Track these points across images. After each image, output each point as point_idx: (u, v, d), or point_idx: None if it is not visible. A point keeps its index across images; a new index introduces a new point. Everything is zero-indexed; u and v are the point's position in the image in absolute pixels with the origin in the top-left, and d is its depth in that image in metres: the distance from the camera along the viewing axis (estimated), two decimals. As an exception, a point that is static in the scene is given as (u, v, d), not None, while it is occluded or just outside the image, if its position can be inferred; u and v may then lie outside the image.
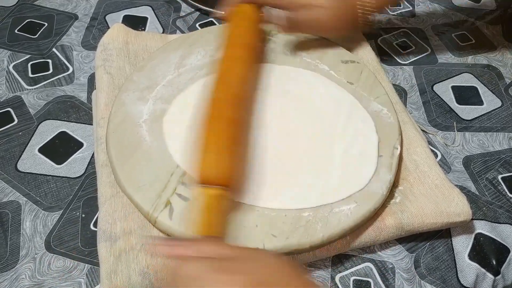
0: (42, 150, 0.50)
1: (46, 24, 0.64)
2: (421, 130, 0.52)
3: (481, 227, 0.46)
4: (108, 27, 0.62)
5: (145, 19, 0.65)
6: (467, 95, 0.58)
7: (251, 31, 0.50)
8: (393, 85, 0.56)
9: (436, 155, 0.51)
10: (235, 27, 0.50)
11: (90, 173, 0.48)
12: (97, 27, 0.64)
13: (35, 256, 0.43)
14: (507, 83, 0.60)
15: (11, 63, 0.58)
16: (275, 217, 0.40)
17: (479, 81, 0.60)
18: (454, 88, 0.59)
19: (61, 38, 0.62)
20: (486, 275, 0.44)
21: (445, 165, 0.51)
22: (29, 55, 0.59)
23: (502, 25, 0.68)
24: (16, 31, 0.63)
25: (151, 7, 0.67)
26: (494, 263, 0.45)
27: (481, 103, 0.58)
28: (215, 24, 0.65)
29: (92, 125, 0.52)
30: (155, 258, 0.39)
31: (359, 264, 0.44)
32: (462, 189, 0.49)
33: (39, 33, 0.62)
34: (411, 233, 0.44)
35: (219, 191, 0.38)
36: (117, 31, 0.55)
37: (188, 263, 0.29)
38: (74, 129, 0.52)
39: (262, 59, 0.53)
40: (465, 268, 0.44)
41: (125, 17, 0.65)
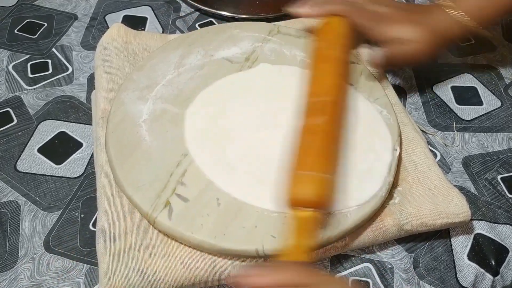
0: (41, 150, 0.50)
1: (45, 24, 0.64)
2: (421, 130, 0.52)
3: (480, 228, 0.46)
4: (107, 27, 0.62)
5: (145, 19, 0.65)
6: (466, 96, 0.58)
7: (345, 47, 0.49)
8: (393, 85, 0.56)
9: (435, 156, 0.51)
10: (330, 41, 0.49)
11: (89, 173, 0.48)
12: (96, 27, 0.64)
13: (34, 256, 0.43)
14: (507, 84, 0.60)
15: (11, 63, 0.58)
16: (275, 218, 0.40)
17: (479, 81, 0.60)
18: (453, 88, 0.59)
19: (60, 38, 0.62)
20: (485, 276, 0.44)
21: (444, 166, 0.51)
22: (28, 55, 0.59)
23: (502, 25, 0.68)
24: (15, 31, 0.63)
25: (150, 7, 0.67)
26: (493, 263, 0.45)
27: (480, 103, 0.58)
28: (214, 24, 0.65)
29: (91, 125, 0.52)
30: (154, 258, 0.39)
31: (358, 264, 0.44)
32: (461, 189, 0.49)
33: (38, 33, 0.62)
34: (410, 234, 0.44)
35: (313, 213, 0.36)
36: (116, 30, 0.55)
37: None
38: (73, 129, 0.52)
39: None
40: (464, 268, 0.44)
41: (125, 17, 0.65)
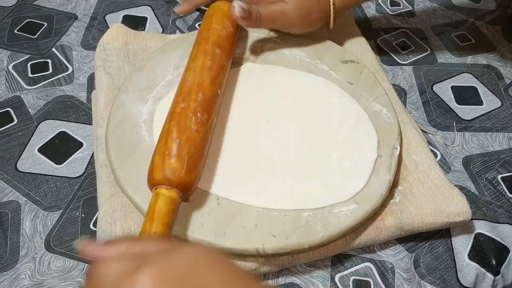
0: (41, 150, 0.50)
1: (45, 24, 0.64)
2: (421, 130, 0.52)
3: (481, 227, 0.46)
4: (107, 27, 0.62)
5: (145, 19, 0.65)
6: (466, 95, 0.58)
7: (223, 26, 0.49)
8: (393, 85, 0.56)
9: (435, 155, 0.51)
10: (209, 23, 0.49)
11: (89, 173, 0.48)
12: (96, 27, 0.64)
13: (35, 256, 0.43)
14: (507, 83, 0.60)
15: (11, 63, 0.58)
16: (275, 217, 0.40)
17: (479, 81, 0.60)
18: (453, 88, 0.59)
19: (60, 38, 0.62)
20: (485, 275, 0.44)
21: (444, 165, 0.51)
22: (28, 55, 0.59)
23: (501, 25, 0.68)
24: (15, 31, 0.63)
25: (150, 7, 0.67)
26: (493, 263, 0.45)
27: (480, 103, 0.58)
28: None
29: (91, 125, 0.52)
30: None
31: (359, 264, 0.44)
32: (461, 189, 0.49)
33: (38, 33, 0.62)
34: (411, 233, 0.44)
35: (176, 195, 0.36)
36: (116, 31, 0.55)
37: (105, 263, 0.27)
38: (73, 129, 0.52)
39: (233, 53, 0.51)
40: (464, 268, 0.44)
41: (125, 17, 0.65)
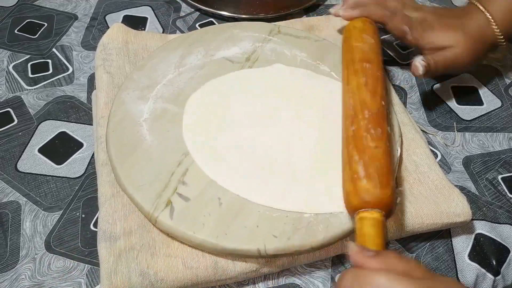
0: (42, 150, 0.50)
1: (46, 24, 0.64)
2: (421, 130, 0.52)
3: (481, 228, 0.46)
4: (108, 27, 0.62)
5: (145, 19, 0.65)
6: (467, 95, 0.58)
7: (363, 42, 0.49)
8: (393, 85, 0.56)
9: (436, 156, 0.51)
10: (349, 44, 0.49)
11: (90, 173, 0.48)
12: (97, 27, 0.64)
13: (35, 256, 0.43)
14: (507, 83, 0.60)
15: (11, 63, 0.58)
16: (277, 218, 0.40)
17: (479, 81, 0.60)
18: (454, 88, 0.59)
19: (61, 38, 0.62)
20: (486, 276, 0.44)
21: (445, 166, 0.51)
22: (29, 55, 0.59)
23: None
24: (16, 31, 0.63)
25: (151, 7, 0.67)
26: (494, 263, 0.45)
27: (481, 103, 0.58)
28: (214, 24, 0.65)
29: (92, 125, 0.52)
30: (155, 258, 0.39)
31: (359, 264, 0.44)
32: (462, 189, 0.49)
33: (39, 33, 0.62)
34: (411, 234, 0.44)
35: (378, 214, 0.37)
36: (116, 30, 0.55)
37: (377, 274, 0.30)
38: (74, 129, 0.52)
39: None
40: (465, 268, 0.44)
41: (125, 17, 0.65)
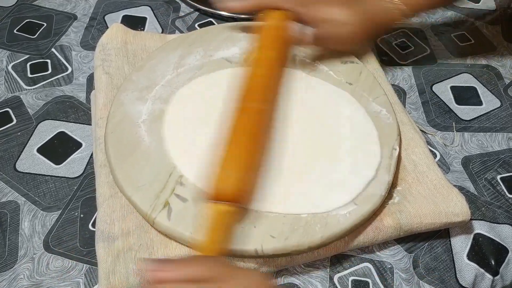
0: (40, 150, 0.50)
1: (45, 24, 0.64)
2: (420, 130, 0.52)
3: (480, 227, 0.46)
4: (107, 27, 0.62)
5: (144, 19, 0.65)
6: (466, 95, 0.58)
7: (283, 36, 0.50)
8: (392, 85, 0.56)
9: (435, 155, 0.51)
10: (269, 30, 0.50)
11: (88, 173, 0.48)
12: (96, 27, 0.64)
13: (34, 256, 0.43)
14: (506, 83, 0.60)
15: (10, 63, 0.58)
16: (274, 218, 0.40)
17: (478, 81, 0.60)
18: (453, 88, 0.59)
19: (60, 38, 0.62)
20: (484, 275, 0.44)
21: (444, 165, 0.51)
22: (28, 55, 0.59)
23: (501, 25, 0.68)
24: (15, 31, 0.63)
25: (150, 7, 0.67)
26: (492, 263, 0.45)
27: (480, 103, 0.58)
28: (214, 24, 0.65)
29: (91, 125, 0.52)
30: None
31: (358, 264, 0.44)
32: (461, 189, 0.49)
33: (38, 33, 0.62)
34: (410, 233, 0.44)
35: (230, 207, 0.37)
36: (115, 31, 0.55)
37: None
38: (72, 129, 0.52)
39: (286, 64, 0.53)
40: (463, 268, 0.44)
41: (124, 17, 0.65)
